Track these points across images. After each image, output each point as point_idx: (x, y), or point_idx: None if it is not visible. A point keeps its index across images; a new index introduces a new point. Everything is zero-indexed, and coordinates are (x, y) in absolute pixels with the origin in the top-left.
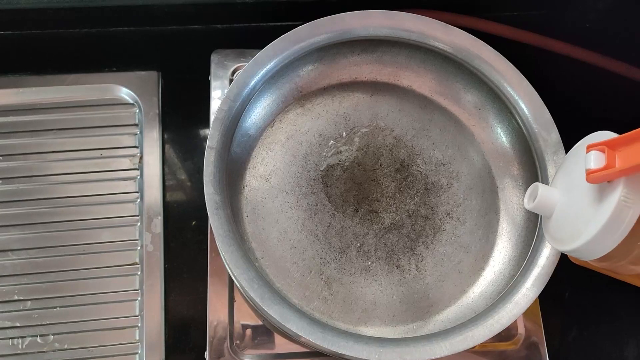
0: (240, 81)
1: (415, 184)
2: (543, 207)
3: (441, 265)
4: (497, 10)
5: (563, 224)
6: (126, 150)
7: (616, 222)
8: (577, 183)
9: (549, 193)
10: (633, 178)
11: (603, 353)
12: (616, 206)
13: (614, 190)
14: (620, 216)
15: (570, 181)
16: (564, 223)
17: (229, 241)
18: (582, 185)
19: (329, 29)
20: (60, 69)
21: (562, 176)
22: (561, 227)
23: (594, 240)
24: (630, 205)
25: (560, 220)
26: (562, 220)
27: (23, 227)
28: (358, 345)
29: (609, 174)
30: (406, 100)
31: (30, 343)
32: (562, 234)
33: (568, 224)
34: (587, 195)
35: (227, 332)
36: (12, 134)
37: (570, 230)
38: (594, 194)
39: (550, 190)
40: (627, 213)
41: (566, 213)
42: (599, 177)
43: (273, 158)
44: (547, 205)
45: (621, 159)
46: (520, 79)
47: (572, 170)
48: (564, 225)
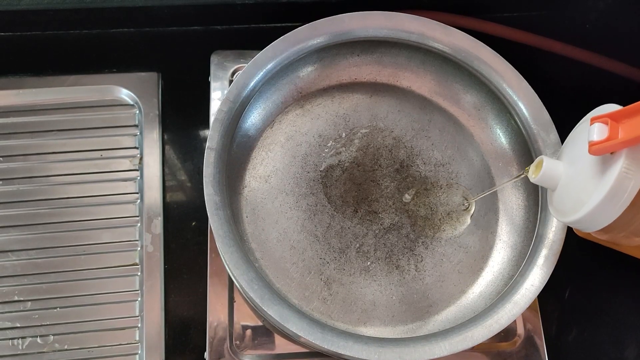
0: (239, 82)
1: (415, 185)
2: (548, 180)
3: (440, 265)
4: (497, 11)
5: (567, 195)
6: (126, 151)
7: (618, 192)
8: (581, 155)
9: (554, 165)
10: (635, 149)
11: (602, 353)
12: (617, 177)
13: (616, 162)
14: (622, 187)
15: (575, 154)
16: (568, 195)
17: (228, 242)
18: (586, 158)
19: (329, 30)
20: (60, 70)
21: (567, 149)
22: (565, 199)
23: (596, 211)
24: (631, 176)
25: (564, 192)
26: (566, 192)
27: (23, 228)
28: (357, 345)
29: (611, 145)
30: (406, 101)
31: (31, 344)
32: (565, 206)
33: (571, 195)
34: (590, 167)
35: (227, 333)
36: (12, 135)
37: (573, 202)
38: (597, 165)
39: (555, 162)
40: (629, 184)
41: (570, 185)
42: (601, 148)
43: (273, 159)
44: (551, 178)
45: (624, 130)
46: (519, 80)
47: (576, 144)
48: (567, 197)
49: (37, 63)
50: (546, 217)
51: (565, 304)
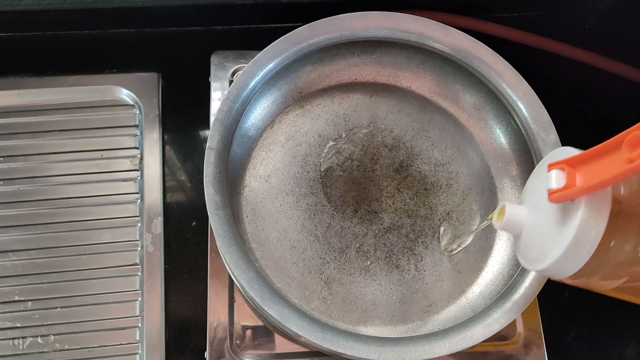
0: (240, 82)
1: (415, 184)
2: (512, 226)
3: (440, 265)
4: (496, 11)
5: (531, 243)
6: (126, 152)
7: (581, 241)
8: (542, 201)
9: (517, 211)
10: (594, 196)
11: (602, 353)
12: (579, 226)
13: (577, 210)
14: (585, 235)
15: (536, 199)
16: (532, 242)
17: (229, 241)
18: (547, 204)
19: (329, 30)
20: (60, 70)
21: (528, 194)
22: (530, 247)
23: (561, 260)
24: (593, 224)
25: (529, 240)
26: (531, 240)
27: (24, 228)
28: (358, 344)
29: (570, 193)
30: (405, 101)
31: (31, 343)
32: (531, 254)
33: (536, 243)
34: (552, 214)
35: (227, 333)
36: (12, 135)
37: (538, 250)
38: (558, 212)
39: (517, 208)
40: (591, 232)
41: (534, 232)
42: (561, 197)
43: (273, 159)
44: (515, 224)
45: (582, 177)
46: (519, 80)
47: (536, 188)
48: (532, 244)
49: (38, 63)
50: None
51: (565, 304)
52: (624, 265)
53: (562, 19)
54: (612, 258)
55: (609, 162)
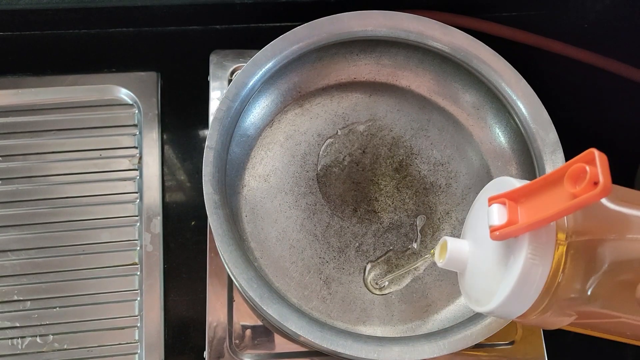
0: (239, 81)
1: (414, 184)
2: (454, 263)
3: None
4: (496, 10)
5: (476, 282)
6: (125, 151)
7: (527, 281)
8: (484, 237)
9: (459, 247)
10: (539, 232)
11: (602, 353)
12: (524, 265)
13: (521, 248)
14: (530, 275)
15: (478, 234)
16: (477, 281)
17: (228, 241)
18: (489, 240)
19: (328, 29)
20: (59, 69)
21: (470, 228)
22: (475, 286)
23: (508, 302)
24: (538, 262)
25: (473, 278)
26: (475, 279)
27: (22, 228)
28: (357, 344)
29: (512, 230)
30: (404, 100)
31: (30, 343)
32: (476, 294)
33: (480, 283)
34: (495, 250)
35: (226, 332)
36: (11, 134)
37: (482, 291)
38: (502, 249)
39: (459, 243)
40: (537, 270)
41: (477, 270)
42: (503, 234)
43: (272, 158)
44: (458, 261)
45: (524, 212)
46: (518, 79)
47: (477, 223)
48: (476, 284)
49: (36, 63)
50: None
51: None
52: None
53: (562, 19)
54: (561, 296)
55: (552, 197)
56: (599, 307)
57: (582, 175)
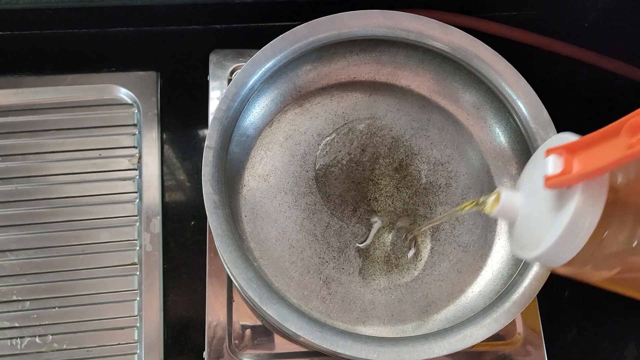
0: (238, 81)
1: (414, 184)
2: (506, 213)
3: (439, 264)
4: (496, 9)
5: (525, 230)
6: (125, 151)
7: (575, 229)
8: (538, 188)
9: (512, 198)
10: (591, 183)
11: (602, 353)
12: (574, 213)
13: (572, 197)
14: (579, 223)
15: (532, 185)
16: (527, 229)
17: (227, 241)
18: (543, 190)
19: (328, 28)
20: (59, 69)
21: (525, 181)
22: (524, 234)
23: (554, 248)
24: (588, 212)
25: (523, 227)
26: (525, 227)
27: (22, 228)
28: (357, 344)
29: (566, 179)
30: (404, 100)
31: (29, 343)
32: (524, 241)
33: (530, 230)
34: (547, 200)
35: (226, 332)
36: (10, 134)
37: (531, 237)
38: (554, 199)
39: (513, 195)
40: (586, 220)
41: (528, 219)
42: (556, 182)
43: (272, 158)
44: (509, 211)
45: (579, 163)
46: (518, 79)
47: (533, 175)
48: (526, 231)
49: (36, 62)
50: None
51: (565, 303)
52: (618, 255)
53: (562, 18)
54: (605, 247)
55: (607, 148)
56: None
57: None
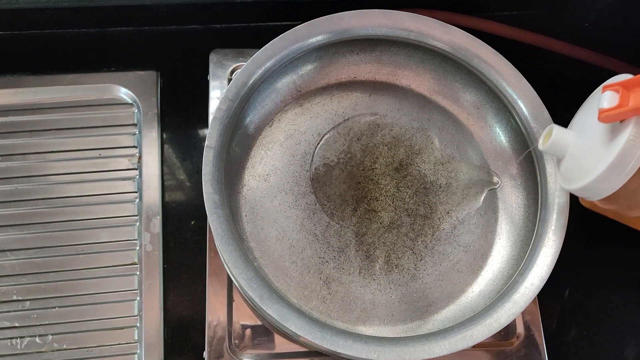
0: (238, 81)
1: (414, 183)
2: (556, 148)
3: (440, 264)
4: (496, 9)
5: (574, 163)
6: (125, 150)
7: (623, 161)
8: (590, 124)
9: (563, 134)
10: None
11: (602, 353)
12: (625, 145)
13: (624, 130)
14: (628, 155)
15: (585, 123)
16: (576, 163)
17: (227, 241)
18: (595, 126)
19: (328, 28)
20: (58, 69)
21: (578, 119)
22: (573, 167)
23: (601, 179)
24: (639, 145)
25: (572, 161)
26: (574, 160)
27: (22, 227)
28: (357, 344)
29: (621, 112)
30: (405, 99)
31: (29, 343)
32: (572, 174)
33: (579, 163)
34: (598, 135)
35: (226, 332)
36: (10, 134)
37: (580, 169)
38: (606, 133)
39: (564, 131)
40: (635, 152)
41: (578, 153)
42: (611, 116)
43: (272, 157)
44: (560, 146)
45: (635, 98)
46: (518, 78)
47: (587, 113)
48: (575, 164)
49: (36, 62)
50: (546, 216)
51: (565, 303)
52: None
53: (562, 17)
54: None
55: None
56: None
57: None
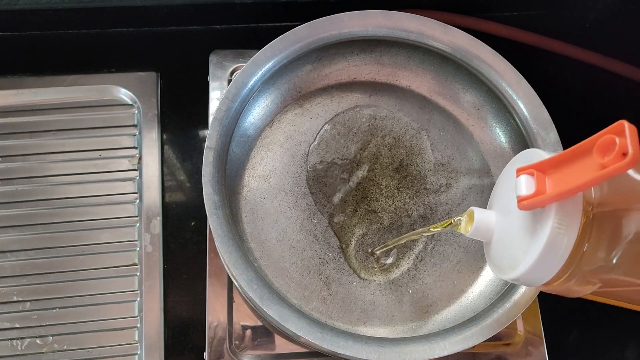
0: (238, 81)
1: (414, 184)
2: (481, 233)
3: (440, 265)
4: (496, 10)
5: (502, 250)
6: (125, 151)
7: (552, 250)
8: (511, 207)
9: (486, 217)
10: (565, 202)
11: (603, 353)
12: (550, 234)
13: (547, 217)
14: (556, 244)
15: (505, 205)
16: (503, 250)
17: (228, 241)
18: (516, 210)
19: (328, 29)
20: (59, 70)
21: (497, 199)
22: (501, 255)
23: (533, 269)
24: (564, 231)
25: (499, 247)
26: (501, 247)
27: (22, 228)
28: (357, 345)
29: (540, 200)
30: (405, 100)
31: (30, 344)
32: (502, 262)
33: (506, 251)
34: (521, 220)
35: (226, 333)
36: (11, 135)
37: (509, 259)
38: (529, 219)
39: (486, 214)
40: (563, 240)
41: (504, 239)
42: (530, 204)
43: (272, 158)
44: (485, 231)
45: (552, 183)
46: (518, 79)
47: (504, 194)
48: (503, 252)
49: (36, 63)
50: None
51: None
52: (598, 271)
53: (562, 18)
54: (585, 264)
55: (580, 168)
56: (622, 275)
57: (611, 147)
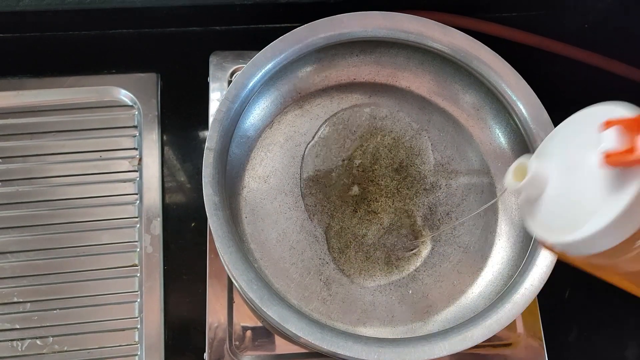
0: (238, 82)
1: (414, 184)
2: (534, 187)
3: (440, 265)
4: (496, 10)
5: (556, 209)
6: (125, 152)
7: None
8: (577, 162)
9: (544, 170)
10: None
11: (603, 354)
12: (636, 197)
13: (634, 178)
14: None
15: (568, 158)
16: (558, 209)
17: (228, 242)
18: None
19: (327, 30)
20: (59, 71)
21: (555, 151)
22: (554, 214)
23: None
24: None
25: (552, 205)
26: (555, 205)
27: (22, 229)
28: (357, 345)
29: (634, 158)
30: (405, 101)
31: (30, 345)
32: (556, 222)
33: (564, 210)
34: (593, 179)
35: (226, 334)
36: (11, 136)
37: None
38: (605, 179)
39: (544, 166)
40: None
41: (561, 197)
42: (620, 161)
43: (272, 159)
44: (538, 185)
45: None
46: (518, 80)
47: (570, 146)
48: (558, 211)
49: (36, 64)
50: None
51: (565, 304)
52: None
53: (562, 19)
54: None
55: None
56: None
57: None
